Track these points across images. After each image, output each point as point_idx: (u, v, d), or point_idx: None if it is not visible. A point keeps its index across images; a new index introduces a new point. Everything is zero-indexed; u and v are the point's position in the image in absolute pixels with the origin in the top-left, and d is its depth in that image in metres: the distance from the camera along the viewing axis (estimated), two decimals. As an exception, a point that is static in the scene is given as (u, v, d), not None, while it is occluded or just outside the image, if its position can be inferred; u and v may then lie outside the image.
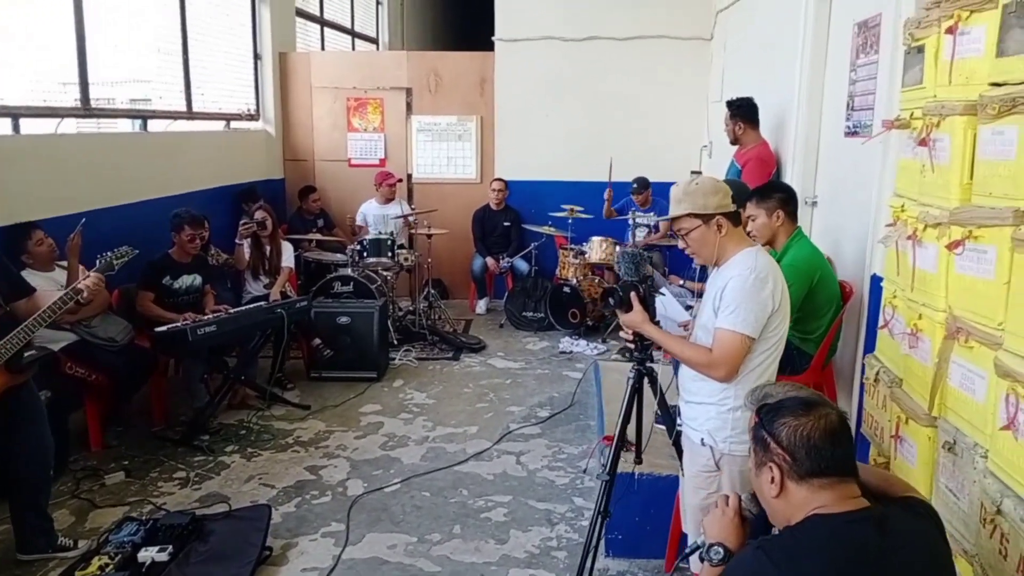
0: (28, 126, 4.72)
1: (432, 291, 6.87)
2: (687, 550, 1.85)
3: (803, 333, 3.25)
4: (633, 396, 2.60)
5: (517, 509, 3.70)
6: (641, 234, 6.51)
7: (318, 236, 6.77)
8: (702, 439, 2.38)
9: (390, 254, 6.41)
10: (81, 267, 4.36)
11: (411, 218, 6.76)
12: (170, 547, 3.16)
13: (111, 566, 3.03)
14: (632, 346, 2.57)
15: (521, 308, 6.91)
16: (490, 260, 7.28)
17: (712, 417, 2.36)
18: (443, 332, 6.53)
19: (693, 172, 5.66)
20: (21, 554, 3.26)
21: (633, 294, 2.47)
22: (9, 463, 3.14)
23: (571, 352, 6.19)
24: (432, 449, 4.40)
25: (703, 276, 4.76)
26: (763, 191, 3.32)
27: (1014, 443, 1.73)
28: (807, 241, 3.32)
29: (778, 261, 3.24)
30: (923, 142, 2.27)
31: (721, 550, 1.66)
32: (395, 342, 6.27)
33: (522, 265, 7.17)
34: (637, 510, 3.19)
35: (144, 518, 3.46)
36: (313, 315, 5.41)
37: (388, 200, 7.19)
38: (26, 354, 3.01)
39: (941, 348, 2.14)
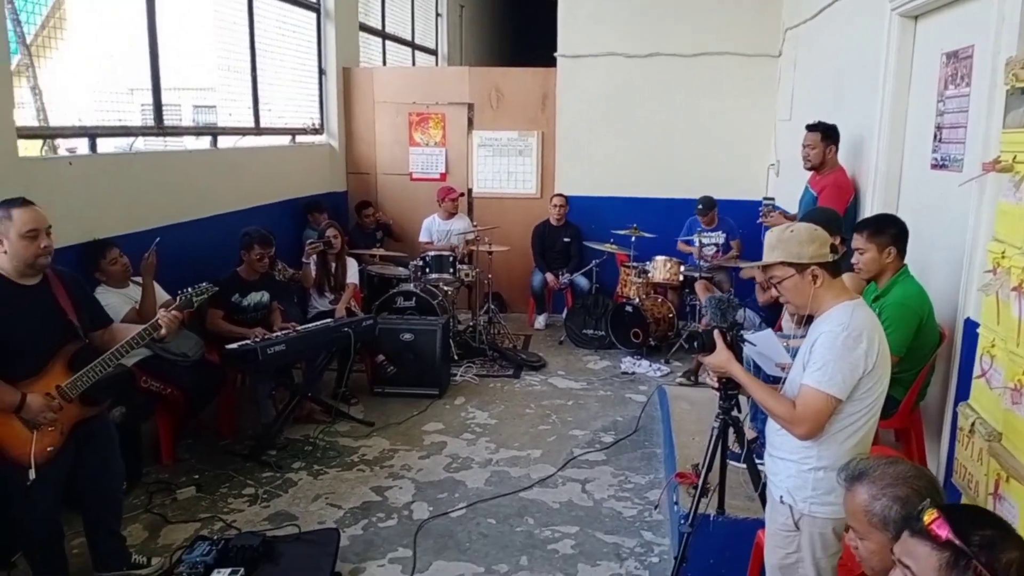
0: (104, 145, 4.87)
1: (492, 306, 6.88)
2: None
3: (893, 375, 3.13)
4: (716, 445, 2.53)
5: (584, 541, 3.66)
6: (708, 254, 6.40)
7: (382, 252, 6.83)
8: (781, 496, 2.32)
9: (452, 270, 6.43)
10: (156, 285, 4.47)
11: (473, 235, 6.77)
12: (242, 569, 3.19)
13: (185, 588, 3.08)
14: (718, 392, 2.51)
15: (581, 326, 6.86)
16: (550, 276, 7.25)
17: (792, 475, 2.29)
18: (503, 349, 6.53)
19: (766, 199, 5.52)
20: (97, 572, 3.33)
21: (717, 334, 2.42)
22: (81, 487, 3.20)
23: (633, 373, 6.12)
24: (496, 473, 4.39)
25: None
26: (877, 225, 3.22)
27: None
28: (914, 280, 3.19)
29: (877, 299, 3.14)
30: (1032, 189, 2.17)
31: None
32: (456, 357, 6.28)
33: (582, 282, 7.12)
34: (713, 553, 3.12)
35: (216, 537, 3.50)
36: (377, 331, 5.45)
37: (451, 215, 7.22)
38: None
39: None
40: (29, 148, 4.26)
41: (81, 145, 4.72)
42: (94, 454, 3.17)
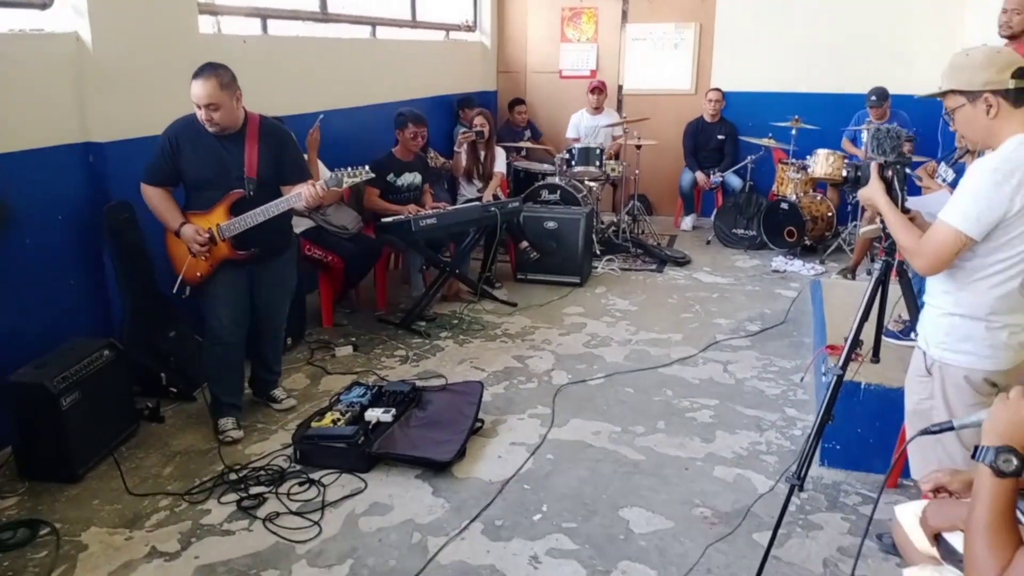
0: (274, 27, 5.11)
1: (637, 203, 6.77)
2: (934, 426, 1.61)
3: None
4: (876, 290, 2.38)
5: (724, 413, 3.62)
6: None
7: (528, 144, 6.85)
8: (918, 340, 2.23)
9: (598, 163, 6.35)
10: (319, 162, 4.72)
11: (622, 127, 6.63)
12: (393, 410, 3.42)
13: (342, 421, 3.33)
14: (882, 231, 2.35)
15: (731, 225, 6.63)
16: (700, 175, 7.01)
17: (930, 319, 2.18)
18: (647, 244, 6.44)
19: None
20: (255, 395, 3.81)
21: (873, 165, 2.27)
22: (252, 326, 3.54)
23: (784, 271, 5.87)
24: (635, 351, 4.39)
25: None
26: None
27: None
28: None
29: None
30: None
31: (1015, 460, 1.30)
32: (598, 252, 6.27)
33: (735, 180, 6.84)
34: (860, 421, 3.00)
35: (370, 383, 3.77)
36: (522, 219, 5.53)
37: (598, 110, 7.09)
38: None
39: None
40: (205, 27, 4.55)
41: (254, 25, 4.99)
42: (267, 294, 3.51)
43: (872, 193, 2.26)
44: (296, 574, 2.53)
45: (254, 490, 3.00)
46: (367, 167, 3.45)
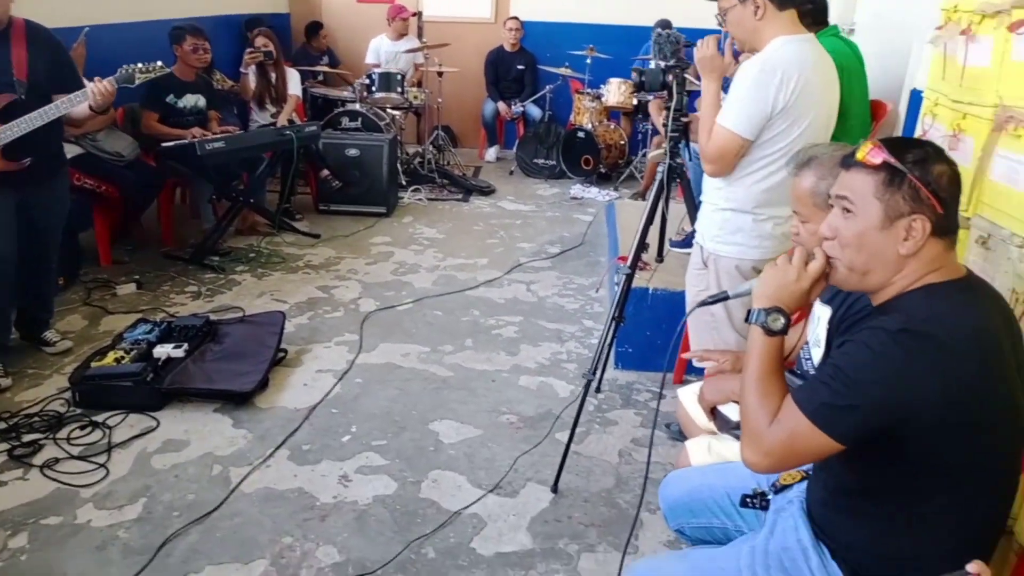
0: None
1: (442, 134, 6.72)
2: (710, 297, 1.68)
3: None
4: (659, 193, 2.53)
5: (528, 328, 3.75)
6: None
7: (325, 69, 6.54)
8: (696, 236, 2.40)
9: (400, 90, 6.20)
10: (86, 81, 4.20)
11: (423, 54, 6.49)
12: (186, 345, 3.20)
13: (127, 359, 3.07)
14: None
15: (532, 155, 6.78)
16: (502, 105, 7.07)
17: (705, 214, 2.34)
18: (453, 175, 6.44)
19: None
20: (23, 339, 3.40)
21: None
22: (21, 250, 3.11)
23: (582, 198, 6.13)
24: (443, 276, 4.41)
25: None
26: None
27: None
28: (836, 40, 3.02)
29: None
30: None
31: (782, 318, 1.39)
32: (404, 183, 6.18)
33: (535, 111, 6.98)
34: (649, 325, 3.22)
35: (158, 319, 3.49)
36: (321, 147, 5.29)
37: (401, 35, 6.88)
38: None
39: (985, 143, 2.07)
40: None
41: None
42: (41, 218, 3.15)
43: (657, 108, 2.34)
44: (83, 518, 2.32)
45: (27, 438, 2.71)
46: (160, 62, 3.17)
